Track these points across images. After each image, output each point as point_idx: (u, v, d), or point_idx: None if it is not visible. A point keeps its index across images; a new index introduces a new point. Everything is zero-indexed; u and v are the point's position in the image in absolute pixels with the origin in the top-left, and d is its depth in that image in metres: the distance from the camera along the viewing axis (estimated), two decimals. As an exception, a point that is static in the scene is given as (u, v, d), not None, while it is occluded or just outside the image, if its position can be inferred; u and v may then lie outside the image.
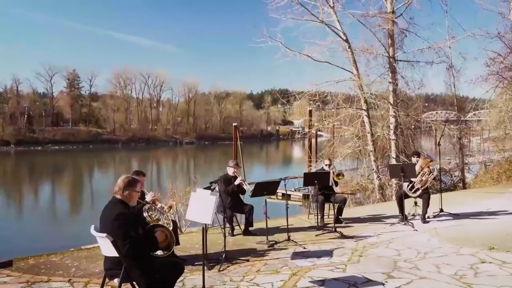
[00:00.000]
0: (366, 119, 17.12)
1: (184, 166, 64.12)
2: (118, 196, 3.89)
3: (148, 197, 5.78)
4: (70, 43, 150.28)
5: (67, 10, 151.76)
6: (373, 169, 17.09)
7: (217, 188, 6.26)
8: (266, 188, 6.93)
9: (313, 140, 33.33)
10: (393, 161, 16.64)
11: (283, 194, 27.30)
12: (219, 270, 5.47)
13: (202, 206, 4.46)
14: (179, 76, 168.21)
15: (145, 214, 4.19)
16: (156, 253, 3.93)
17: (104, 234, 3.69)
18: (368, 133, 17.11)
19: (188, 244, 6.94)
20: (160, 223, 4.15)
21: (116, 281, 3.78)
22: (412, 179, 8.38)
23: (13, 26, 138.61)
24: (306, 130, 24.09)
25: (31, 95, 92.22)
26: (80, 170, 57.87)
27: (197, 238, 7.37)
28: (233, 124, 48.05)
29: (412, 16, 17.15)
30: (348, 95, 17.73)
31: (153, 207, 4.49)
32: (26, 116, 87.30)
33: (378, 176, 16.88)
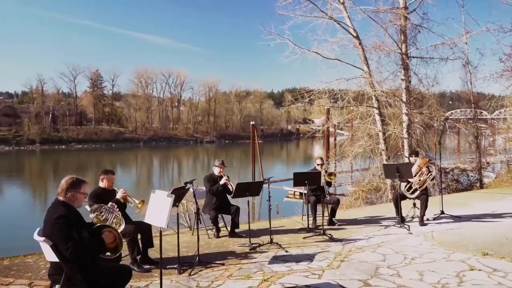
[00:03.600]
0: (377, 117, 16.68)
1: (204, 165, 64.36)
2: (61, 198, 3.72)
3: (119, 194, 5.68)
4: (91, 43, 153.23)
5: (86, 11, 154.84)
6: (386, 168, 16.63)
7: (191, 189, 6.03)
8: (247, 189, 6.66)
9: (332, 139, 32.87)
10: (406, 161, 16.15)
11: (300, 193, 27.07)
12: (189, 274, 5.27)
13: (158, 208, 4.25)
14: (199, 75, 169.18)
15: (91, 215, 4.01)
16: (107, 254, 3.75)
17: (43, 238, 3.53)
18: (379, 131, 16.67)
19: (170, 246, 6.76)
20: (107, 223, 3.96)
21: (58, 287, 3.61)
22: (409, 180, 8.00)
23: (34, 27, 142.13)
24: (324, 128, 23.82)
25: (56, 95, 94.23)
26: (102, 168, 58.65)
27: (179, 239, 7.18)
28: (251, 123, 48.12)
29: (426, 11, 16.59)
30: (358, 93, 17.29)
31: (101, 207, 4.31)
32: (50, 115, 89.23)
33: (392, 178, 16.40)
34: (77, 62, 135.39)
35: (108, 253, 3.71)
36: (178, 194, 5.54)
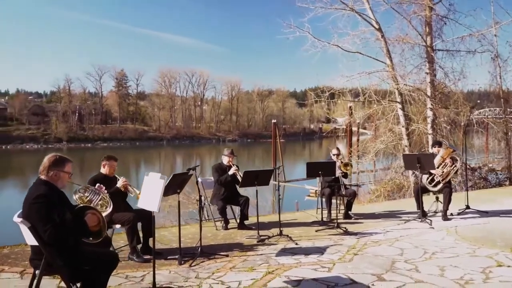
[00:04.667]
0: (400, 112, 16.03)
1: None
2: (43, 177, 3.44)
3: (120, 183, 5.42)
4: (116, 43, 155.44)
5: (112, 12, 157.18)
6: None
7: (195, 175, 5.68)
8: (256, 177, 6.27)
9: (354, 138, 32.20)
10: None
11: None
12: (190, 265, 4.95)
13: (151, 192, 3.94)
14: (223, 75, 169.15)
15: (75, 197, 3.72)
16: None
17: (20, 219, 3.26)
18: (402, 127, 16.04)
19: (175, 237, 6.45)
20: (92, 205, 3.65)
21: (37, 272, 3.34)
22: (432, 171, 7.48)
23: (61, 28, 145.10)
24: (346, 122, 23.24)
25: (82, 94, 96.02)
26: (127, 165, 59.52)
27: (186, 230, 6.90)
28: (273, 121, 47.71)
29: (452, 2, 15.81)
30: (379, 86, 16.70)
31: (87, 188, 4.01)
32: (77, 114, 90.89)
33: (414, 173, 15.79)
34: (103, 63, 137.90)
35: (90, 238, 3.39)
36: (180, 181, 5.22)
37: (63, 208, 3.35)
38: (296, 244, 5.90)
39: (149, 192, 3.99)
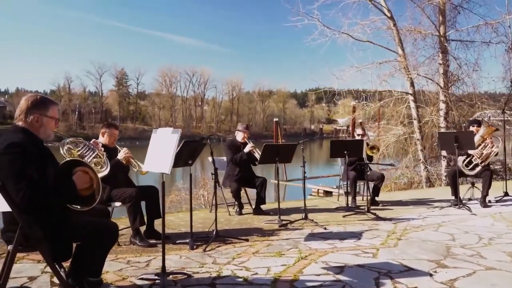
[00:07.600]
0: (412, 104, 15.26)
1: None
2: (20, 123, 2.61)
3: (121, 154, 4.57)
4: (118, 43, 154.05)
5: (114, 11, 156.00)
6: (420, 159, 15.22)
7: (210, 145, 4.86)
8: (277, 153, 5.46)
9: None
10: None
11: (325, 191, 25.69)
12: (204, 250, 4.13)
13: (161, 150, 3.12)
14: (224, 74, 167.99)
15: (62, 150, 2.89)
16: (76, 206, 2.57)
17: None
18: (414, 119, 15.25)
19: (183, 221, 5.64)
20: (83, 160, 2.82)
21: (10, 248, 2.51)
22: (470, 152, 6.66)
23: (61, 27, 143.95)
24: (350, 118, 22.48)
25: (82, 93, 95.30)
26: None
27: (195, 216, 6.08)
28: (274, 119, 47.03)
29: (467, -10, 15.10)
30: (391, 77, 15.91)
31: (78, 141, 3.19)
32: (77, 113, 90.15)
33: (426, 167, 15.00)
34: (103, 62, 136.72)
35: (77, 206, 2.53)
36: (192, 149, 4.43)
37: (44, 164, 2.52)
38: (325, 229, 5.08)
39: (157, 151, 3.17)
